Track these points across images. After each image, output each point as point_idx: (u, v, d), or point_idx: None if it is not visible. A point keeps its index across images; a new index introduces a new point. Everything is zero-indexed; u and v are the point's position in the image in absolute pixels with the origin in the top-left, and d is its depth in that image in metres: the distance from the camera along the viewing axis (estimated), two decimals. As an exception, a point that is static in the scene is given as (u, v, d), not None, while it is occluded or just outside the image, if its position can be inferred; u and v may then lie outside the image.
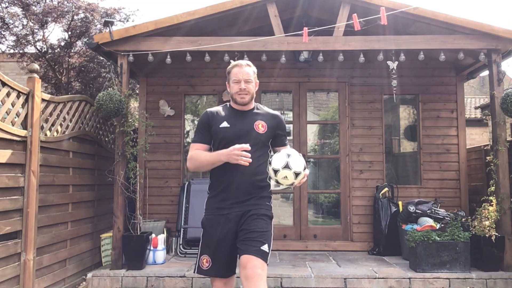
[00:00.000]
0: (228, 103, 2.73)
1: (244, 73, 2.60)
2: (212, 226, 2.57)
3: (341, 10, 5.06)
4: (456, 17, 4.97)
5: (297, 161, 2.36)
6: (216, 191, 2.64)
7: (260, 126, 2.60)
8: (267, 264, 2.45)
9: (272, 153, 2.68)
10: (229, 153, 2.42)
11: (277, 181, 2.40)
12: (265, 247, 2.43)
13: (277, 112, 2.76)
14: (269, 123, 2.64)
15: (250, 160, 2.37)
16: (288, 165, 2.34)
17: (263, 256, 2.41)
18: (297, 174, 2.34)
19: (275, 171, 2.37)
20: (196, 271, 2.60)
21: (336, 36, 5.05)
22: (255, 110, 2.69)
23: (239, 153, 2.39)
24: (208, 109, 2.69)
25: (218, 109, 2.69)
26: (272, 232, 2.57)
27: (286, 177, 2.34)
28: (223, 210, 2.57)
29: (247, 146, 2.42)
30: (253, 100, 2.69)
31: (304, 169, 2.38)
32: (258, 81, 2.72)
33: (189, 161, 2.63)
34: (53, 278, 4.28)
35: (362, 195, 6.18)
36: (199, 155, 2.60)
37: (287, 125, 6.56)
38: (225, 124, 2.57)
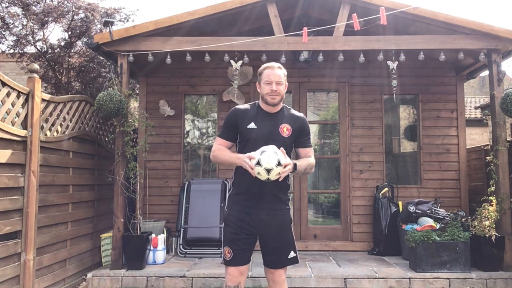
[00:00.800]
0: (257, 102, 2.80)
1: (276, 75, 2.69)
2: (236, 222, 2.69)
3: (341, 10, 5.06)
4: (456, 17, 4.97)
5: (268, 158, 2.43)
6: (239, 189, 2.73)
7: (285, 130, 2.69)
8: (298, 260, 2.76)
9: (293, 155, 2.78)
10: (241, 159, 2.53)
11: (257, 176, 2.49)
12: (291, 254, 2.71)
13: (301, 114, 2.83)
14: (294, 127, 2.72)
15: (253, 167, 2.44)
16: (259, 162, 2.43)
17: (289, 262, 2.71)
18: (268, 170, 2.42)
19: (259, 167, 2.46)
20: (223, 262, 2.75)
21: (336, 36, 5.05)
22: (282, 113, 2.76)
23: (246, 162, 2.48)
24: (238, 107, 2.80)
25: (247, 108, 2.78)
26: (293, 233, 2.77)
27: (259, 173, 2.44)
28: (248, 209, 2.68)
29: (253, 155, 2.49)
30: (282, 102, 2.77)
31: (278, 165, 2.43)
32: (287, 83, 2.80)
33: (212, 155, 2.77)
34: (53, 278, 4.28)
35: (362, 195, 6.18)
36: (222, 153, 2.71)
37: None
38: (252, 125, 2.67)
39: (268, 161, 2.43)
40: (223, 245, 2.72)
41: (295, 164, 2.55)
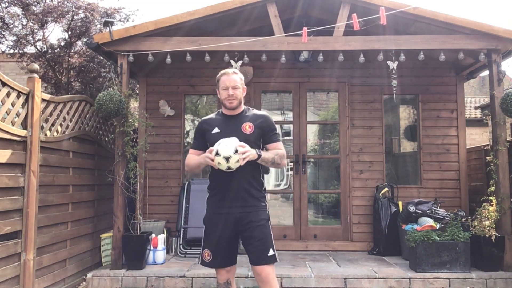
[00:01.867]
0: (220, 110, 2.99)
1: (232, 80, 2.85)
2: (212, 224, 2.85)
3: (341, 10, 5.05)
4: (456, 17, 4.97)
5: (225, 147, 2.58)
6: (214, 191, 2.89)
7: (247, 128, 2.82)
8: (277, 259, 2.79)
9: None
10: (203, 156, 2.72)
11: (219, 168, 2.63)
12: (270, 251, 2.74)
13: (263, 112, 3.00)
14: (256, 123, 2.85)
15: (213, 159, 2.59)
16: (217, 152, 2.58)
17: (271, 259, 2.74)
18: (227, 158, 2.56)
19: (226, 160, 2.59)
20: (200, 262, 2.88)
21: (336, 36, 5.05)
22: (244, 113, 2.92)
23: (207, 155, 2.66)
24: (203, 118, 3.02)
25: (211, 116, 2.99)
26: (271, 231, 2.84)
27: (219, 163, 2.59)
28: (222, 209, 2.81)
29: (212, 148, 2.66)
30: (242, 104, 2.93)
31: (235, 152, 2.56)
32: (245, 86, 2.97)
33: (185, 166, 3.01)
34: (53, 278, 4.28)
35: (362, 195, 6.18)
36: (190, 159, 2.93)
37: (287, 125, 6.62)
38: (216, 130, 2.84)
39: (225, 149, 2.57)
40: (202, 247, 2.86)
41: (259, 155, 2.69)
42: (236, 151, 2.57)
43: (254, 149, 2.70)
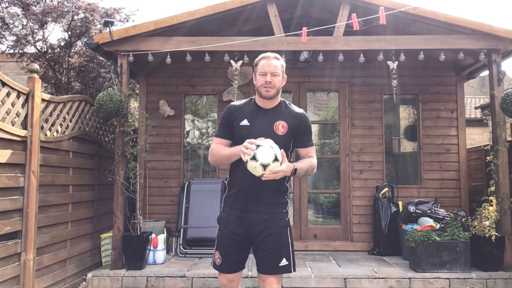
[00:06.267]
0: (253, 98, 2.64)
1: (271, 65, 2.53)
2: (225, 225, 2.58)
3: (341, 10, 5.06)
4: (456, 17, 4.97)
5: (265, 153, 2.28)
6: (232, 191, 2.60)
7: (280, 127, 2.51)
8: (292, 269, 2.55)
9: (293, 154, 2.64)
10: (240, 148, 2.35)
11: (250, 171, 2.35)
12: (283, 261, 2.50)
13: (301, 110, 2.63)
14: (291, 124, 2.53)
15: (250, 152, 2.27)
16: (255, 156, 2.27)
17: (281, 270, 2.50)
18: (265, 166, 2.27)
19: (245, 162, 2.32)
20: (211, 264, 2.66)
21: (336, 36, 5.05)
22: (279, 108, 2.57)
23: (245, 145, 2.31)
24: (232, 103, 2.65)
25: (242, 104, 2.63)
26: (290, 239, 2.57)
27: (255, 168, 2.29)
28: (237, 212, 2.56)
29: (256, 141, 2.34)
30: (279, 95, 2.58)
31: (275, 160, 2.27)
32: (286, 76, 2.63)
33: (210, 155, 2.62)
34: (53, 278, 4.28)
35: (362, 195, 6.18)
36: (218, 149, 2.57)
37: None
38: (245, 122, 2.52)
39: (266, 157, 2.27)
40: (215, 248, 2.62)
41: (295, 169, 2.39)
42: (276, 159, 2.28)
43: (291, 160, 2.43)
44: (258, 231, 2.50)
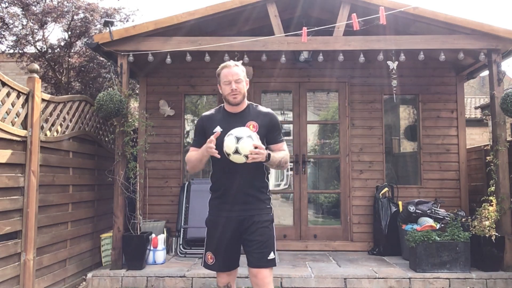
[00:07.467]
0: (222, 105, 2.81)
1: (234, 73, 2.66)
2: (214, 227, 2.73)
3: (341, 10, 5.06)
4: (456, 17, 4.97)
5: (238, 130, 2.45)
6: (216, 193, 2.77)
7: (251, 127, 2.65)
8: (276, 263, 2.66)
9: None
10: (205, 146, 2.52)
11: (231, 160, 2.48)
12: (271, 255, 2.62)
13: (268, 110, 2.79)
14: (260, 122, 2.68)
15: (213, 146, 2.44)
16: (237, 150, 2.40)
17: (270, 263, 2.62)
18: (238, 139, 2.41)
19: (227, 154, 2.45)
20: (202, 265, 2.79)
21: (336, 36, 5.05)
22: (248, 111, 2.74)
23: (208, 145, 2.48)
24: (203, 114, 2.83)
25: (212, 113, 2.80)
26: (274, 234, 2.71)
27: (227, 145, 2.43)
28: (224, 212, 2.70)
29: (218, 131, 2.54)
30: (245, 99, 2.74)
31: (248, 136, 2.42)
32: (248, 79, 2.77)
33: (186, 163, 2.83)
34: (53, 278, 4.28)
35: (362, 195, 6.18)
36: (190, 156, 2.77)
37: (287, 125, 6.61)
38: (218, 128, 2.64)
39: (238, 131, 2.44)
40: (204, 249, 2.76)
41: (269, 154, 2.51)
42: (249, 136, 2.42)
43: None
44: (246, 227, 2.64)
